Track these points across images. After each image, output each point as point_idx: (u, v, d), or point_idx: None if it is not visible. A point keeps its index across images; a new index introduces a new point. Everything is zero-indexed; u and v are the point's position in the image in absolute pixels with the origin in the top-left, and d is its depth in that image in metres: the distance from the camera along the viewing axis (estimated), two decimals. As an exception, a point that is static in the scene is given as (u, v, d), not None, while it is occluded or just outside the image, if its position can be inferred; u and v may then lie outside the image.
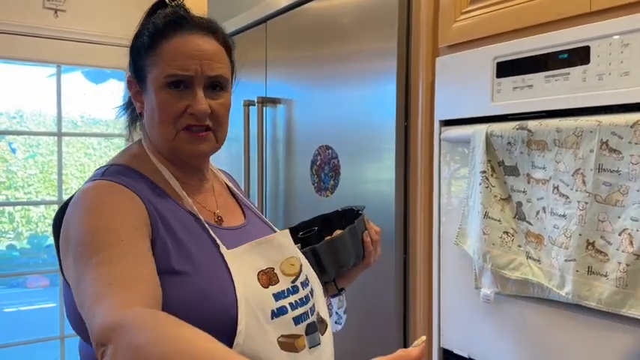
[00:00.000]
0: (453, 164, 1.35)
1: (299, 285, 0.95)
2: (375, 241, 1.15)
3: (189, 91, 0.90)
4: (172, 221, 0.88)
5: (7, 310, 5.88)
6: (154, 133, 0.94)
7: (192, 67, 0.89)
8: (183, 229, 0.88)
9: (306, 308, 0.93)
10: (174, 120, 0.90)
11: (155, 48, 0.91)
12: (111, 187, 0.85)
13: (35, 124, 6.02)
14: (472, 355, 1.29)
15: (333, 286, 1.18)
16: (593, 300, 1.00)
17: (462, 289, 1.31)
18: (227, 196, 1.08)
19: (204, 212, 0.95)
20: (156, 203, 0.88)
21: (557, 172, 1.07)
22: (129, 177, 0.89)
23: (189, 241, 0.87)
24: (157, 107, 0.90)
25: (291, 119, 1.92)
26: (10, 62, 2.82)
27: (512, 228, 1.17)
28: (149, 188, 0.90)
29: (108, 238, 0.77)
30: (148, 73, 0.92)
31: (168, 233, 0.86)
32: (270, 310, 0.88)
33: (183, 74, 0.89)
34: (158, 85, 0.90)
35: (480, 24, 1.27)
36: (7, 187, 6.51)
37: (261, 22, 2.08)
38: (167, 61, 0.90)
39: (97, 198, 0.83)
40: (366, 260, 1.15)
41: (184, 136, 0.91)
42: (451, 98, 1.34)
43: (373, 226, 1.16)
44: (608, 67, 1.01)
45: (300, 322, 0.91)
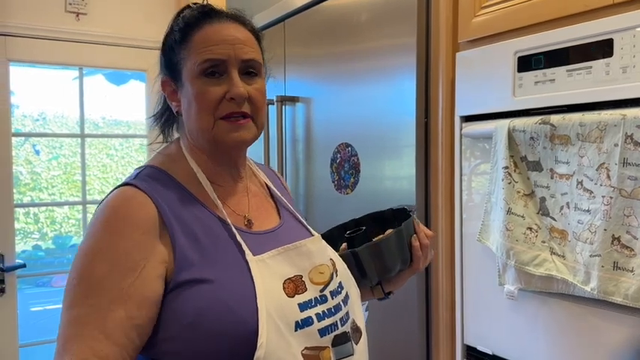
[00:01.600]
0: (474, 160, 1.34)
1: (328, 294, 0.91)
2: (424, 245, 1.08)
3: (225, 78, 0.89)
4: (197, 228, 0.86)
5: (33, 309, 5.99)
6: (193, 127, 0.92)
7: (226, 51, 0.89)
8: (207, 236, 0.86)
9: (334, 319, 0.89)
10: (212, 108, 0.88)
11: (187, 40, 0.91)
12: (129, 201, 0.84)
13: (58, 127, 6.12)
14: (496, 351, 1.29)
15: (380, 290, 1.12)
16: (619, 295, 0.98)
17: (485, 285, 1.30)
18: (263, 196, 1.04)
19: (233, 216, 0.92)
20: (179, 211, 0.86)
21: (580, 166, 1.05)
22: (158, 181, 0.88)
23: (213, 247, 0.85)
24: (194, 97, 0.89)
25: (310, 117, 1.92)
26: (34, 66, 2.87)
27: (536, 224, 1.16)
28: (176, 194, 0.88)
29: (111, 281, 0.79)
30: (183, 67, 0.91)
31: (189, 241, 0.84)
32: (295, 321, 0.84)
33: (218, 58, 0.88)
34: (193, 75, 0.89)
35: (500, 18, 1.26)
36: (31, 188, 6.63)
37: (279, 21, 2.09)
38: (200, 49, 0.89)
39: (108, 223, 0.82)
40: (414, 265, 1.08)
41: (224, 126, 0.89)
42: (472, 94, 1.33)
43: (424, 229, 1.09)
44: (632, 59, 1.00)
45: (326, 333, 0.87)
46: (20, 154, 6.07)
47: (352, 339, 0.91)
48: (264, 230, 0.95)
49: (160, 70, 0.96)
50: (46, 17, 2.56)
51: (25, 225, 6.71)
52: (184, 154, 0.95)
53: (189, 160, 0.94)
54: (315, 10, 1.88)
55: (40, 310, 5.97)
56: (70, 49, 2.63)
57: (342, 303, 0.92)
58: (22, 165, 6.28)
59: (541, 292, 1.16)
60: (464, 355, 1.38)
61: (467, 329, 1.37)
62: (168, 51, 0.94)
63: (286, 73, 2.05)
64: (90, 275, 0.79)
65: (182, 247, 0.83)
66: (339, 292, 0.93)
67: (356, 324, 0.95)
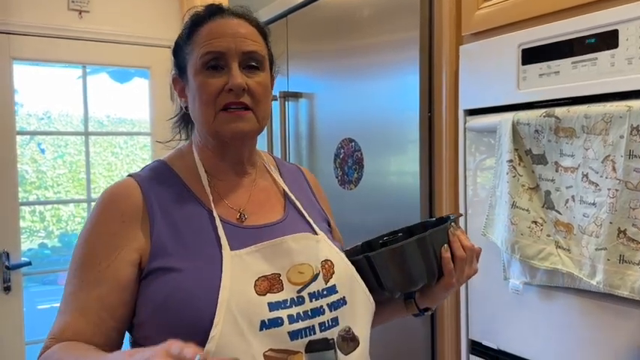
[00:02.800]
0: (478, 154, 1.33)
1: (306, 296, 0.86)
2: (458, 257, 0.94)
3: (226, 71, 0.91)
4: (180, 219, 0.89)
5: (40, 307, 6.01)
6: (197, 121, 0.95)
7: (226, 44, 0.91)
8: (189, 227, 0.89)
9: (310, 323, 0.84)
10: (213, 100, 0.90)
11: (192, 36, 0.94)
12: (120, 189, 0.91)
13: (63, 125, 6.13)
14: (501, 346, 1.28)
15: (414, 306, 1.03)
16: (626, 289, 0.97)
17: (490, 280, 1.29)
18: (274, 194, 1.01)
19: (226, 209, 0.92)
20: (168, 202, 0.90)
21: (586, 159, 1.05)
22: (158, 174, 0.94)
23: (192, 239, 0.87)
24: (197, 90, 0.91)
25: (313, 113, 1.92)
26: (37, 64, 2.87)
27: (541, 217, 1.15)
28: (171, 187, 0.93)
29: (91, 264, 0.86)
30: (187, 63, 0.94)
31: (170, 231, 0.87)
32: (260, 320, 0.81)
33: (218, 51, 0.90)
34: (196, 69, 0.92)
35: (503, 11, 1.25)
36: (37, 186, 6.64)
37: (281, 16, 2.08)
38: (203, 42, 0.92)
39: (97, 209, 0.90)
40: (445, 279, 0.95)
41: (223, 117, 0.90)
42: (475, 87, 1.32)
43: (463, 239, 0.96)
44: (637, 50, 0.99)
45: (298, 337, 0.83)
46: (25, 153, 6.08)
47: (339, 348, 0.86)
48: (257, 225, 0.93)
49: (173, 67, 1.00)
50: (49, 15, 2.56)
51: (31, 223, 6.73)
52: (192, 150, 0.98)
53: (195, 155, 0.97)
54: (317, 5, 1.87)
55: (47, 308, 6.00)
56: (73, 46, 2.63)
57: (326, 307, 0.87)
58: (28, 163, 6.30)
59: (546, 286, 1.16)
60: (469, 350, 1.37)
61: (472, 324, 1.36)
62: (177, 50, 0.98)
63: (289, 69, 2.05)
64: (77, 257, 0.87)
65: (160, 236, 0.87)
66: (325, 296, 0.88)
67: (352, 333, 0.89)
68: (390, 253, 0.92)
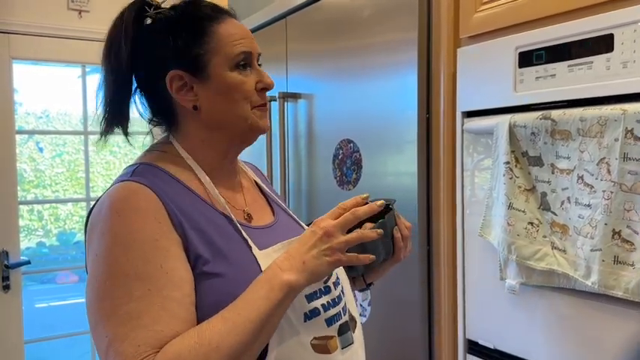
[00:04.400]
0: (475, 156, 1.34)
1: (331, 285, 0.93)
2: (405, 236, 1.09)
3: (250, 70, 0.94)
4: (203, 222, 0.86)
5: (38, 305, 6.02)
6: (229, 117, 0.93)
7: (250, 43, 0.93)
8: (214, 231, 0.87)
9: (338, 308, 0.92)
10: (249, 97, 0.93)
11: (210, 33, 0.91)
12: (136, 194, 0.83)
13: (61, 124, 6.12)
14: (497, 346, 1.29)
15: (362, 281, 1.16)
16: (620, 289, 0.99)
17: (487, 280, 1.30)
18: (255, 192, 1.06)
19: (234, 211, 0.94)
20: (184, 206, 0.86)
21: (581, 161, 1.06)
22: (157, 177, 0.88)
23: (221, 242, 0.86)
24: (233, 88, 0.91)
25: (312, 114, 1.93)
26: (37, 64, 2.88)
27: (537, 218, 1.16)
28: (177, 190, 0.88)
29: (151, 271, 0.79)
30: (210, 59, 0.90)
31: (197, 235, 0.84)
32: (303, 312, 0.87)
33: (248, 50, 0.93)
34: (228, 67, 0.91)
35: (501, 14, 1.26)
36: (35, 185, 6.64)
37: (280, 17, 2.09)
38: (231, 42, 0.91)
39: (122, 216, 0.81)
40: (395, 256, 1.09)
41: (259, 113, 0.94)
42: (473, 89, 1.33)
43: (404, 221, 1.10)
44: (632, 54, 1.00)
45: (332, 322, 0.90)
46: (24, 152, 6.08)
47: (351, 328, 0.95)
48: (263, 225, 0.98)
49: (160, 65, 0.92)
50: (49, 15, 2.57)
51: (30, 222, 6.73)
52: (179, 152, 0.94)
53: (186, 157, 0.94)
54: (316, 6, 1.88)
55: (45, 307, 6.01)
56: (72, 46, 2.64)
57: (341, 293, 0.96)
58: (26, 162, 6.30)
59: (542, 286, 1.17)
60: (466, 350, 1.38)
61: (469, 324, 1.37)
62: (183, 46, 0.91)
63: (288, 70, 2.06)
64: (125, 271, 0.78)
65: (192, 241, 0.84)
66: (339, 283, 0.97)
67: (351, 313, 0.97)
68: None
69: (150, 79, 0.94)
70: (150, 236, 0.80)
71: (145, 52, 0.92)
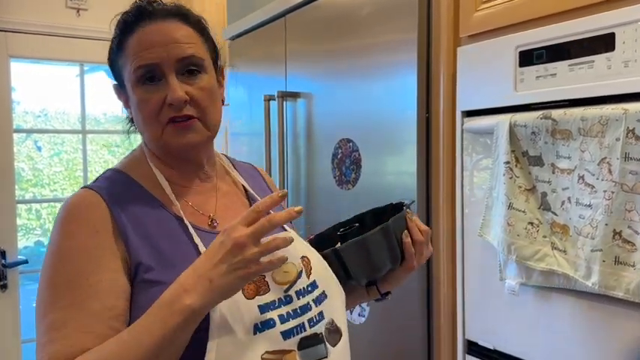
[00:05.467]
0: (475, 155, 1.34)
1: (293, 294, 0.87)
2: (417, 241, 1.00)
3: (164, 82, 0.86)
4: (153, 228, 0.85)
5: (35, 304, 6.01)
6: (145, 135, 0.92)
7: (157, 54, 0.85)
8: (164, 236, 0.85)
9: (300, 320, 0.85)
10: (156, 115, 0.86)
11: (123, 47, 0.89)
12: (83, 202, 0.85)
13: (60, 123, 6.11)
14: (497, 346, 1.29)
15: (375, 291, 1.08)
16: (621, 290, 0.98)
17: (487, 280, 1.30)
18: (236, 196, 1.02)
19: (196, 216, 0.91)
20: (136, 213, 0.85)
21: (582, 161, 1.05)
22: (117, 183, 0.88)
23: (169, 248, 0.84)
24: (138, 106, 0.87)
25: (311, 113, 1.92)
26: (35, 62, 2.87)
27: (537, 219, 1.16)
28: (134, 195, 0.88)
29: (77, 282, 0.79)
30: (123, 75, 0.90)
31: (144, 242, 0.83)
32: (254, 324, 0.81)
33: (150, 63, 0.85)
34: (132, 83, 0.87)
35: (501, 13, 1.26)
36: (33, 184, 6.63)
37: (280, 16, 2.08)
38: (133, 55, 0.86)
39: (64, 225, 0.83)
40: (407, 263, 1.01)
41: (170, 130, 0.87)
42: (473, 88, 1.33)
43: (419, 224, 1.02)
44: (634, 53, 0.99)
45: (291, 336, 0.83)
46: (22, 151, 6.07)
47: (327, 341, 0.88)
48: None
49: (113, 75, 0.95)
50: (47, 13, 2.56)
51: (27, 221, 6.72)
52: (146, 157, 0.94)
53: (150, 162, 0.93)
54: (316, 5, 1.88)
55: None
56: (70, 44, 2.63)
57: (312, 303, 0.89)
58: (24, 161, 6.29)
59: (542, 287, 1.16)
60: (465, 350, 1.38)
61: (468, 324, 1.37)
62: (111, 60, 0.93)
63: (287, 69, 2.05)
64: (56, 280, 0.80)
65: (136, 249, 0.82)
66: (309, 292, 0.89)
67: (335, 325, 0.91)
68: (357, 244, 0.96)
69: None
70: (84, 246, 0.81)
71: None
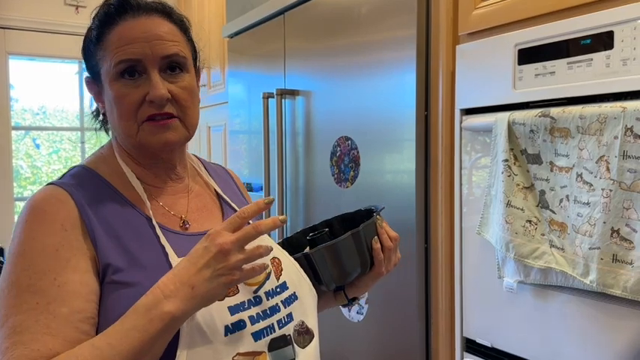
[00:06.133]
0: (474, 153, 1.34)
1: (262, 295, 0.86)
2: (387, 247, 0.99)
3: (145, 78, 0.83)
4: (120, 228, 0.82)
5: None
6: (118, 131, 0.88)
7: (141, 49, 0.83)
8: (131, 236, 0.82)
9: (270, 321, 0.84)
10: (134, 112, 0.84)
11: (102, 40, 0.86)
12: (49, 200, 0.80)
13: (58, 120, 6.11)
14: (495, 344, 1.29)
15: (343, 296, 1.08)
16: (618, 288, 0.98)
17: (485, 278, 1.30)
18: (208, 197, 1.00)
19: (167, 217, 0.89)
20: (104, 212, 0.82)
21: (580, 159, 1.05)
22: (84, 181, 0.85)
23: (137, 248, 0.81)
24: (114, 101, 0.84)
25: (310, 111, 1.92)
26: (33, 59, 2.87)
27: (536, 216, 1.16)
28: (102, 193, 0.84)
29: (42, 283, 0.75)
30: (101, 68, 0.86)
31: (112, 241, 0.80)
32: (224, 325, 0.79)
33: (133, 58, 0.83)
34: (111, 78, 0.84)
35: (500, 11, 1.26)
36: (32, 182, 6.62)
37: (279, 13, 2.08)
38: (114, 49, 0.83)
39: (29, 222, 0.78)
40: (376, 269, 1.00)
41: (147, 128, 0.84)
42: (472, 86, 1.33)
43: (388, 230, 1.01)
44: (632, 51, 0.99)
45: (261, 337, 0.82)
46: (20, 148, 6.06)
47: (296, 342, 0.87)
48: (202, 231, 0.89)
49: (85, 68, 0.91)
50: (46, 10, 2.56)
51: (26, 219, 6.72)
52: (115, 155, 0.91)
53: (119, 160, 0.90)
54: (315, 2, 1.87)
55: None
56: (69, 42, 2.63)
57: (280, 304, 0.88)
58: (23, 159, 6.28)
59: (540, 284, 1.16)
60: (463, 348, 1.38)
61: (466, 322, 1.37)
62: (87, 51, 0.89)
63: (286, 66, 2.05)
64: (19, 281, 0.75)
65: (104, 249, 0.79)
66: (278, 293, 0.89)
67: (306, 326, 0.90)
68: (328, 249, 0.95)
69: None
70: (51, 246, 0.76)
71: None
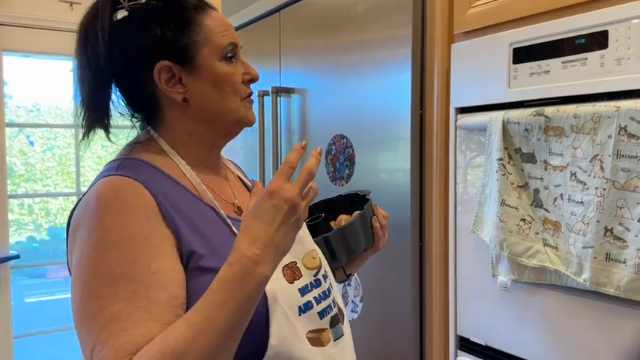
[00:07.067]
0: (468, 152, 1.34)
1: (321, 278, 0.94)
2: (383, 225, 1.16)
3: (236, 62, 0.92)
4: (194, 216, 0.83)
5: (28, 300, 5.98)
6: (219, 109, 0.90)
7: (235, 36, 0.92)
8: (206, 225, 0.84)
9: (328, 301, 0.92)
10: (237, 90, 0.92)
11: (198, 23, 0.88)
12: (124, 188, 0.80)
13: (52, 118, 6.08)
14: (489, 342, 1.29)
15: (342, 273, 1.18)
16: (612, 287, 0.99)
17: (479, 277, 1.30)
18: (240, 185, 1.05)
19: (223, 204, 0.92)
20: (175, 200, 0.83)
21: (574, 158, 1.06)
22: (145, 172, 0.84)
23: (213, 236, 0.84)
24: (223, 78, 0.90)
25: (305, 109, 1.92)
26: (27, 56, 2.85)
27: (530, 215, 1.16)
28: (167, 184, 0.85)
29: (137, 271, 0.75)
30: (199, 50, 0.88)
31: (190, 229, 0.81)
32: (297, 306, 0.86)
33: (236, 42, 0.92)
34: (217, 58, 0.89)
35: (495, 10, 1.26)
36: (26, 179, 6.59)
37: (274, 11, 2.08)
38: (219, 32, 0.90)
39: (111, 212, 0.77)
40: (375, 245, 1.16)
41: (247, 105, 0.94)
42: (467, 85, 1.33)
43: (381, 210, 1.17)
44: (627, 51, 1.00)
45: (324, 315, 0.90)
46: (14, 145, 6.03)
47: (340, 320, 0.95)
48: None
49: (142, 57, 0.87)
50: (40, 7, 2.54)
51: (20, 216, 6.68)
52: (161, 147, 0.91)
53: (169, 151, 0.90)
54: (310, 1, 1.87)
55: (35, 302, 5.97)
56: (63, 38, 2.61)
57: (330, 286, 0.97)
58: (17, 156, 6.25)
59: (534, 283, 1.17)
60: (457, 346, 1.38)
61: (460, 320, 1.37)
62: (170, 35, 0.87)
63: (281, 64, 2.04)
64: (112, 270, 0.74)
65: (185, 236, 0.80)
66: (327, 276, 0.97)
67: (339, 306, 0.98)
68: (344, 230, 1.10)
69: (130, 73, 0.89)
70: (140, 234, 0.76)
71: (124, 43, 0.87)
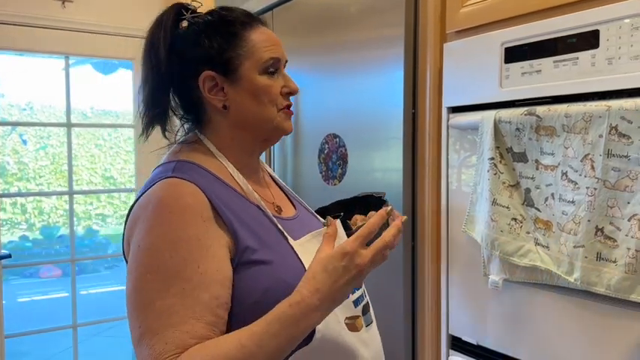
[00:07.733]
0: (461, 152, 1.34)
1: None
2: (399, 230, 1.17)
3: (278, 75, 0.99)
4: (245, 215, 0.91)
5: (20, 299, 5.96)
6: (256, 117, 0.98)
7: (281, 51, 1.01)
8: (254, 222, 0.92)
9: (361, 291, 1.01)
10: (275, 100, 0.98)
11: (243, 38, 0.97)
12: (184, 191, 0.87)
13: (46, 116, 6.05)
14: (480, 341, 1.29)
15: None
16: (602, 286, 0.99)
17: (471, 276, 1.30)
18: (275, 186, 1.13)
19: (266, 204, 0.99)
20: (227, 201, 0.91)
21: (565, 157, 1.06)
22: (198, 174, 0.92)
23: (262, 233, 0.92)
24: (262, 89, 0.97)
25: (298, 108, 1.92)
26: (19, 54, 2.83)
27: (521, 214, 1.16)
28: (217, 185, 0.93)
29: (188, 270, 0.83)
30: (242, 63, 0.96)
31: (244, 228, 0.89)
32: None
33: (279, 57, 0.99)
34: (260, 71, 0.97)
35: (487, 9, 1.26)
36: (18, 178, 6.57)
37: (267, 10, 2.07)
38: (263, 47, 0.97)
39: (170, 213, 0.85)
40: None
41: (284, 115, 1.00)
42: (459, 84, 1.33)
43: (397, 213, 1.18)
44: (617, 51, 1.00)
45: (358, 303, 0.98)
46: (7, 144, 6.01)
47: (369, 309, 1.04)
48: (291, 216, 1.04)
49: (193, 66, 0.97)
50: (32, 4, 2.53)
51: (13, 215, 6.65)
52: (210, 150, 0.99)
53: (216, 153, 0.99)
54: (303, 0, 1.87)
55: (27, 301, 5.95)
56: (56, 37, 2.60)
57: None
58: (9, 155, 6.23)
59: (525, 282, 1.17)
60: (449, 345, 1.38)
61: (452, 319, 1.37)
62: (216, 47, 0.97)
63: (275, 63, 2.04)
64: (166, 267, 0.82)
65: (239, 232, 0.88)
66: None
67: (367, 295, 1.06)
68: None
69: (183, 78, 0.99)
70: (194, 235, 0.84)
71: (181, 52, 0.97)
